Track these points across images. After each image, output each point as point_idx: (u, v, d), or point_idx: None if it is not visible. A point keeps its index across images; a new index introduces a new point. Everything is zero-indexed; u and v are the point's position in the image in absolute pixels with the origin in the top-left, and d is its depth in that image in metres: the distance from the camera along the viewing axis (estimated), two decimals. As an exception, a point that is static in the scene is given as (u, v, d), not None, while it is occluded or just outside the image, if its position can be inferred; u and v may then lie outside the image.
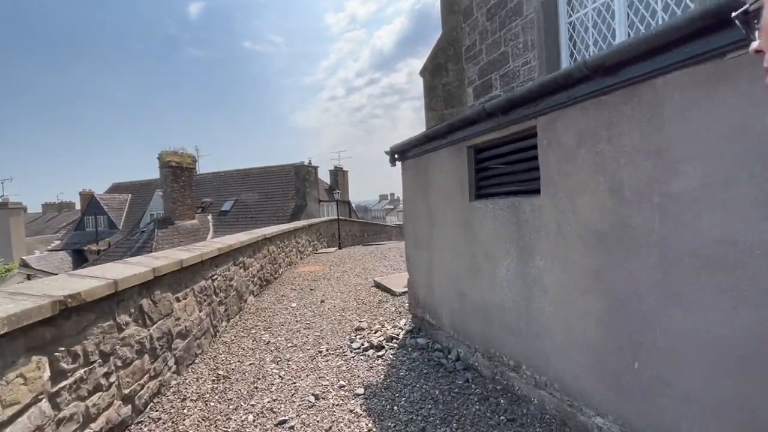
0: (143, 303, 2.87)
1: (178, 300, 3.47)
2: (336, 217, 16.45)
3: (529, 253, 2.36)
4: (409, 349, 3.48)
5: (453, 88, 7.71)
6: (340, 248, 14.77)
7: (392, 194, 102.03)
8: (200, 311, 3.91)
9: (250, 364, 3.51)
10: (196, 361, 3.61)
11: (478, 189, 2.95)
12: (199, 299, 3.91)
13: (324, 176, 24.50)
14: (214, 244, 4.79)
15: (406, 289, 5.12)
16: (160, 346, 3.03)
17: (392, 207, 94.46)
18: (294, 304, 5.52)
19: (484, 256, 2.81)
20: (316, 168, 21.03)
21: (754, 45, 0.62)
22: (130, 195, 25.95)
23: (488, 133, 2.71)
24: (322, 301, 5.57)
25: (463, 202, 3.03)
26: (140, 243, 17.14)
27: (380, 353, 3.41)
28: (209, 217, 21.11)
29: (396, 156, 4.07)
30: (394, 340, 3.69)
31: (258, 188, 21.84)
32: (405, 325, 4.09)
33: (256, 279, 6.23)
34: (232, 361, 3.60)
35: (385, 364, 3.24)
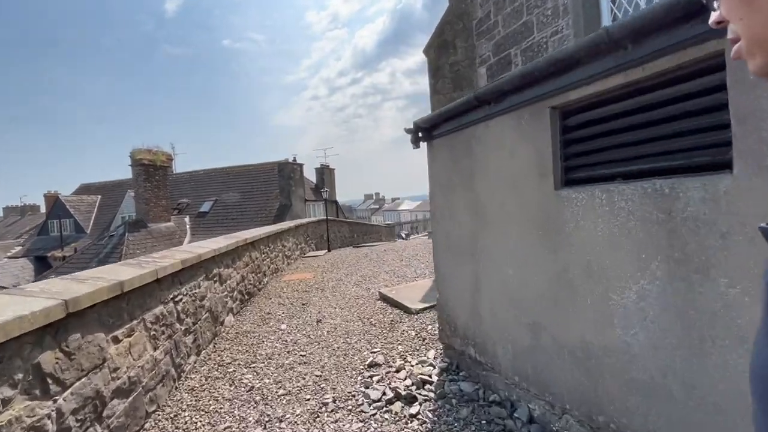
0: (43, 360, 1.77)
1: (116, 340, 2.37)
2: (324, 217, 15.34)
3: (701, 271, 1.38)
4: (453, 401, 2.47)
5: (462, 68, 6.74)
6: (329, 251, 13.68)
7: (377, 194, 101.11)
8: (155, 349, 2.81)
9: (226, 430, 2.44)
10: (146, 425, 2.52)
11: (570, 171, 1.96)
12: (153, 333, 2.81)
13: (309, 174, 23.28)
14: (177, 254, 3.68)
15: (426, 306, 4.12)
16: (78, 421, 1.94)
17: (377, 207, 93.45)
18: (284, 326, 4.44)
19: (585, 272, 1.83)
20: (301, 165, 19.83)
21: (714, 17, 0.54)
22: (99, 197, 24.11)
23: (596, 81, 1.73)
24: (319, 321, 4.51)
25: (542, 192, 2.05)
26: (109, 248, 15.62)
27: (413, 410, 2.39)
28: (186, 219, 19.64)
29: (421, 134, 3.06)
30: (427, 386, 2.68)
31: (239, 188, 20.49)
32: (436, 359, 3.08)
33: (236, 293, 5.12)
34: (199, 425, 2.52)
35: (424, 430, 2.23)
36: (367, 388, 2.74)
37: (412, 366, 2.98)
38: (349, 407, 2.55)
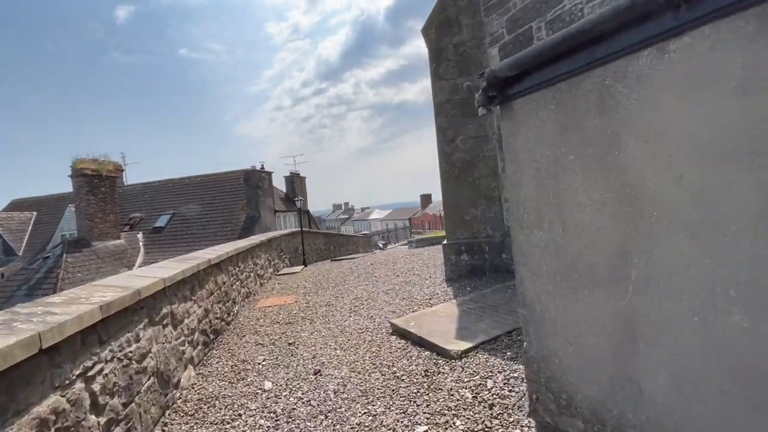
0: None
1: None
2: (298, 228, 13.91)
3: None
4: None
5: (469, 50, 5.75)
6: (305, 266, 12.26)
7: (346, 203, 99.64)
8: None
9: None
10: None
11: None
12: (32, 454, 1.48)
13: (278, 184, 21.65)
14: (96, 292, 2.32)
15: (471, 346, 2.97)
16: None
17: (347, 217, 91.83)
18: (268, 384, 3.13)
19: None
20: (270, 173, 18.26)
21: None
22: (34, 213, 21.21)
23: None
24: (318, 372, 3.24)
25: None
26: (42, 273, 13.33)
27: None
28: (139, 235, 17.46)
29: (497, 90, 1.94)
30: None
31: (200, 199, 18.57)
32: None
33: (197, 335, 3.74)
34: None
35: None
36: None
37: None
38: None
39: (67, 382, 1.75)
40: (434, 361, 3.06)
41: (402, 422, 2.34)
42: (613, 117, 1.50)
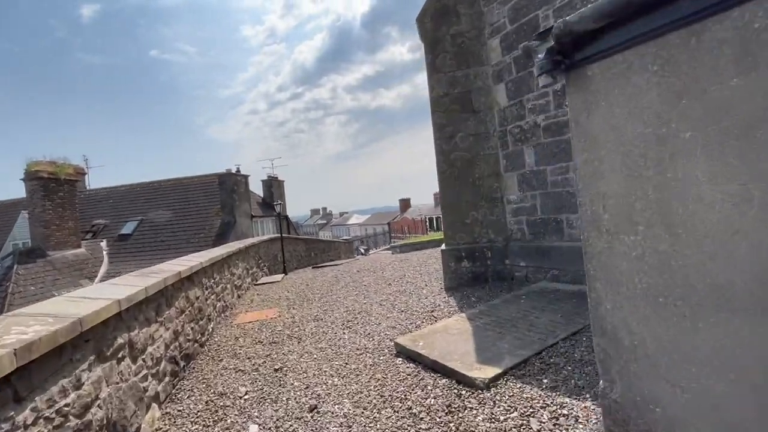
0: None
1: None
2: (278, 234, 13.17)
3: None
4: None
5: (468, 41, 5.34)
6: (286, 274, 11.55)
7: (324, 208, 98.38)
8: None
9: None
10: None
11: None
12: None
13: (255, 188, 20.75)
14: (12, 325, 1.68)
15: (500, 372, 2.49)
16: None
17: (325, 222, 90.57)
18: (254, 429, 2.54)
19: None
20: (246, 177, 17.38)
21: None
22: (-16, 220, 19.41)
23: None
24: (313, 410, 2.67)
25: None
26: (-11, 286, 12.00)
27: None
28: (103, 243, 16.18)
29: (563, 56, 1.48)
30: None
31: (171, 204, 17.45)
32: None
33: (164, 365, 3.09)
34: None
35: None
36: None
37: None
38: None
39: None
40: (456, 391, 2.55)
41: (433, 483, 1.82)
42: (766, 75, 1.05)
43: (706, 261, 1.21)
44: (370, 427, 2.37)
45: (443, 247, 5.50)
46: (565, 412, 2.13)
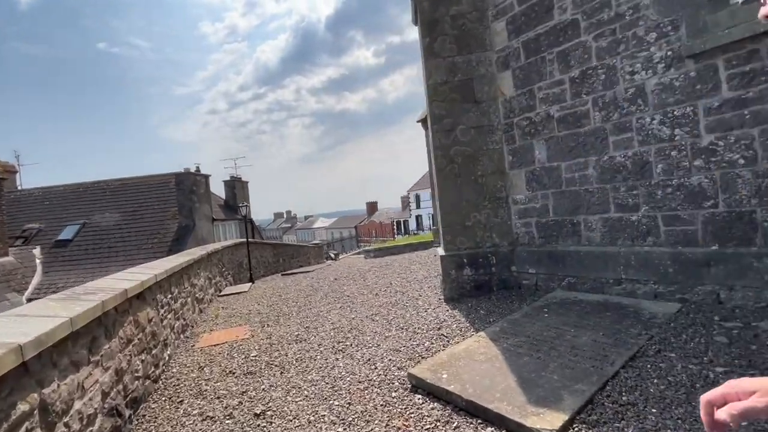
0: None
1: None
2: (243, 239, 12.09)
3: None
4: None
5: (469, 23, 4.80)
6: (253, 282, 10.54)
7: (288, 212, 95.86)
8: None
9: None
10: None
11: None
12: None
13: (216, 189, 19.30)
14: None
15: (564, 420, 1.89)
16: None
17: (289, 225, 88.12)
18: None
19: None
20: (206, 177, 16.01)
21: (763, 11, 0.61)
22: None
23: None
24: (319, 481, 1.95)
25: None
26: None
27: None
28: (36, 250, 14.23)
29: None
30: None
31: (120, 206, 15.71)
32: None
33: (99, 424, 2.23)
34: None
35: None
36: None
37: None
38: None
39: None
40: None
41: None
42: None
43: None
44: None
45: (441, 252, 4.90)
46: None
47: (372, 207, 63.49)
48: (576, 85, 4.02)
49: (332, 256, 20.44)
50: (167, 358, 3.89)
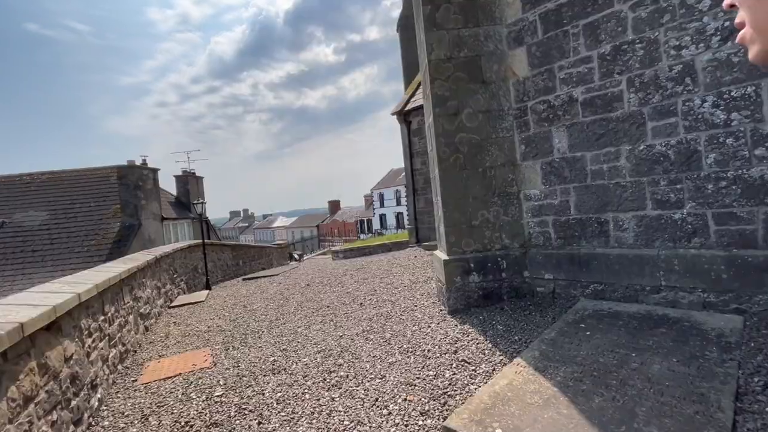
0: None
1: None
2: (198, 240, 10.78)
3: None
4: None
5: (476, -9, 4.15)
6: (210, 289, 9.34)
7: (245, 210, 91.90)
8: None
9: None
10: None
11: None
12: None
13: (167, 185, 17.46)
14: None
15: None
16: None
17: (246, 225, 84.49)
18: None
19: None
20: (155, 171, 14.31)
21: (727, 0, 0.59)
22: None
23: None
24: None
25: None
26: None
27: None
28: (-60, 255, 11.93)
29: None
30: None
31: (50, 203, 13.65)
32: None
33: None
34: None
35: None
36: None
37: None
38: None
39: None
40: None
41: None
42: None
43: None
44: None
45: (444, 256, 4.21)
46: None
47: (334, 206, 62.18)
48: (607, 63, 3.48)
49: (296, 257, 19.28)
50: (96, 405, 2.88)
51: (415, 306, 4.61)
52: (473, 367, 2.81)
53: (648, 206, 3.34)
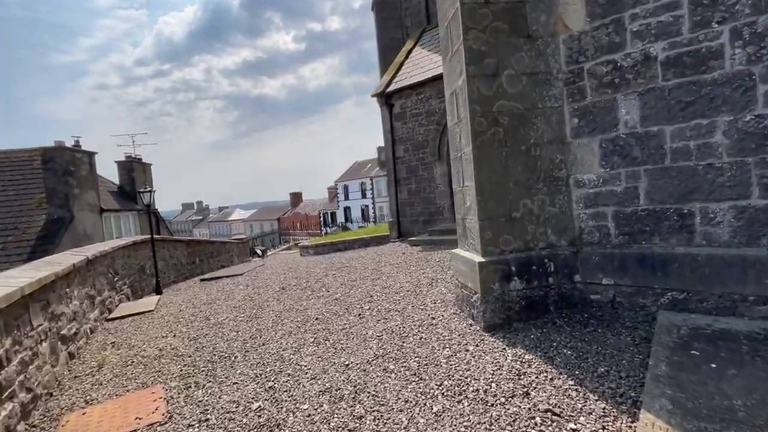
0: None
1: None
2: (146, 236, 9.21)
3: None
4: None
5: None
6: (161, 293, 7.89)
7: (200, 202, 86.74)
8: None
9: None
10: None
11: None
12: None
13: (107, 173, 15.26)
14: None
15: None
16: None
17: (200, 218, 79.73)
18: None
19: None
20: (91, 155, 12.24)
21: None
22: None
23: None
24: None
25: None
26: None
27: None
28: None
29: None
30: None
31: (-46, 192, 11.25)
32: None
33: None
34: None
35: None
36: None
37: None
38: None
39: None
40: None
41: None
42: None
43: None
44: None
45: (477, 257, 3.31)
46: None
47: (296, 198, 59.96)
48: (702, 9, 2.70)
49: (259, 252, 17.76)
50: None
51: (433, 319, 3.69)
52: (573, 426, 1.93)
53: (754, 194, 2.62)
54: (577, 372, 2.38)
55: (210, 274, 10.37)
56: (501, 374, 2.49)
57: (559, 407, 2.08)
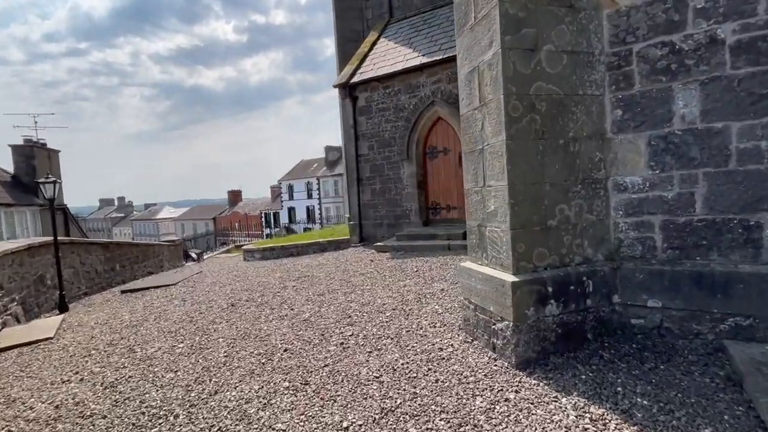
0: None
1: None
2: (49, 237, 7.40)
3: None
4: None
5: None
6: (66, 311, 6.26)
7: (121, 198, 78.22)
8: None
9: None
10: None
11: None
12: None
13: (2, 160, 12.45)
14: None
15: None
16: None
17: (122, 215, 71.70)
18: None
19: None
20: (-25, 135, 9.81)
21: None
22: None
23: None
24: None
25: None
26: None
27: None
28: None
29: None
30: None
31: None
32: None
33: None
34: None
35: None
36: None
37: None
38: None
39: None
40: None
41: None
42: None
43: None
44: None
45: (508, 276, 2.64)
46: None
47: (235, 196, 56.19)
48: (785, -15, 2.29)
49: (194, 256, 15.84)
50: None
51: (441, 350, 2.96)
52: None
53: (838, 205, 2.25)
54: (675, 436, 1.79)
55: (134, 284, 8.68)
56: (574, 442, 1.82)
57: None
